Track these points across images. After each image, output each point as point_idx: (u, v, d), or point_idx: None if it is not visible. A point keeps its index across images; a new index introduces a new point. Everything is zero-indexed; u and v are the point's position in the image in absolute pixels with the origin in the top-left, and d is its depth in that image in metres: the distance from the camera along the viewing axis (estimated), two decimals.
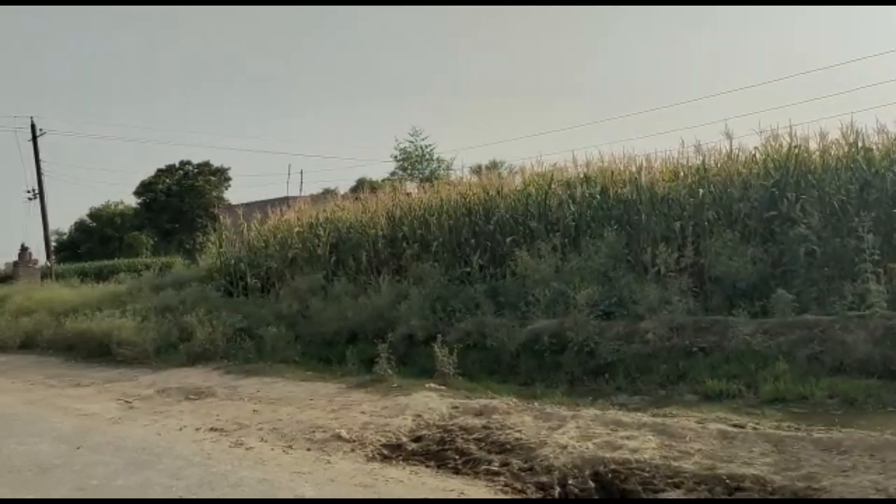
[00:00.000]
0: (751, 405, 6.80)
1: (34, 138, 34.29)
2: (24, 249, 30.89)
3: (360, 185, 30.79)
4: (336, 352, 10.76)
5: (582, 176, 12.81)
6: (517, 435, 6.04)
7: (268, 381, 9.60)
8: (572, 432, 5.97)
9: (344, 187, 38.12)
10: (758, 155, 11.08)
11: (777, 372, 7.22)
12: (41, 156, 34.43)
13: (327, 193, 27.03)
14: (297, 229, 15.96)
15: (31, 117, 34.48)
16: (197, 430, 7.32)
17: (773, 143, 10.98)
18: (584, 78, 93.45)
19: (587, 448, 5.49)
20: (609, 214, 11.55)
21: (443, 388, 8.27)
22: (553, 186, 12.68)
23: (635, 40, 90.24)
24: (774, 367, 7.31)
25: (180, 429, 7.43)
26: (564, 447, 5.54)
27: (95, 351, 13.01)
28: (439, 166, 29.40)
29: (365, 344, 10.62)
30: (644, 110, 64.75)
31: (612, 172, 12.32)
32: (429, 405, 7.42)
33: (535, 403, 7.24)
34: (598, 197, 12.03)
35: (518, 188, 13.35)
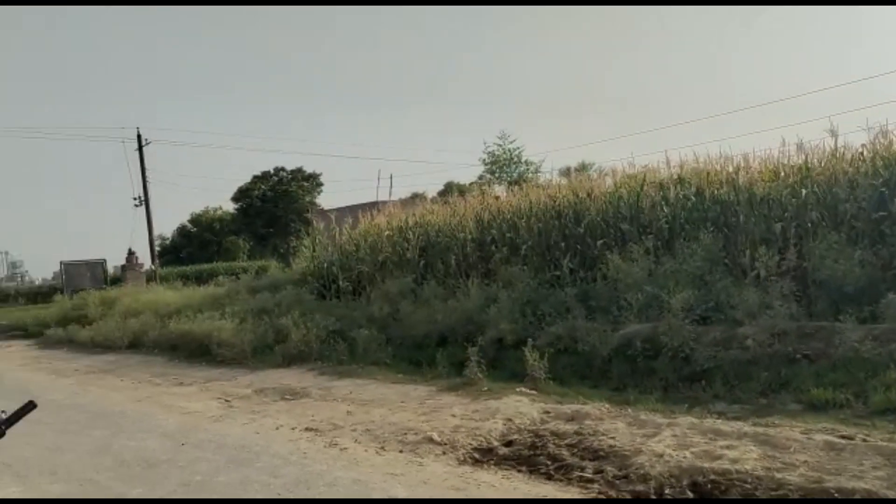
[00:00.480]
0: (859, 416, 6.44)
1: (140, 148, 36.08)
2: (130, 253, 32.51)
3: (449, 189, 30.95)
4: (426, 354, 10.84)
5: (676, 177, 12.48)
6: (611, 442, 5.93)
7: (360, 383, 9.76)
8: (668, 440, 5.81)
9: (432, 191, 38.43)
10: (865, 153, 10.53)
11: (888, 381, 6.82)
12: (146, 164, 36.19)
13: (416, 197, 27.29)
14: (387, 233, 16.18)
15: (138, 128, 36.34)
16: (293, 429, 7.51)
17: (882, 140, 10.40)
18: (677, 78, 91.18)
19: (685, 457, 5.33)
20: (705, 216, 11.20)
21: (533, 392, 8.21)
22: (645, 188, 12.40)
23: (730, 37, 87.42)
24: (885, 376, 6.91)
25: (277, 428, 7.64)
26: (661, 456, 5.39)
27: (197, 351, 13.54)
28: (527, 169, 29.22)
29: (454, 347, 10.65)
30: (740, 109, 62.50)
31: (708, 173, 11.95)
32: (519, 409, 7.38)
33: (629, 410, 7.09)
34: (693, 198, 11.68)
35: (609, 190, 13.12)
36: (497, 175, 29.31)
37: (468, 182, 33.96)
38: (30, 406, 2.55)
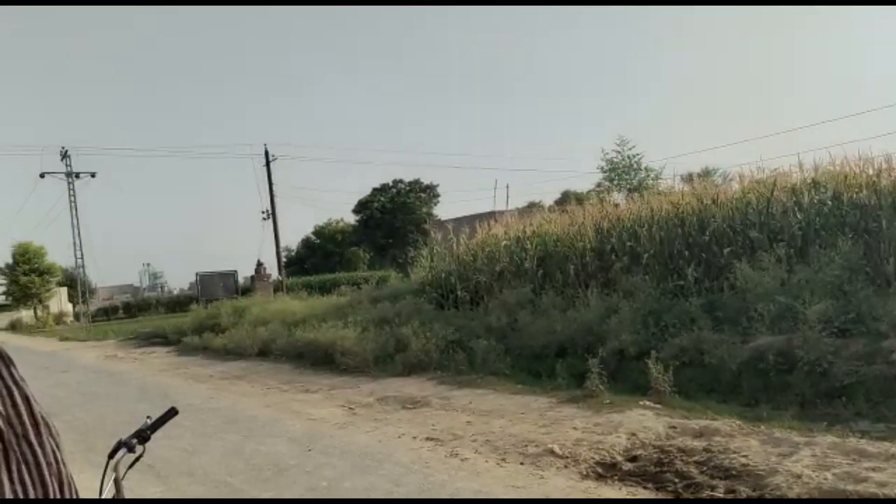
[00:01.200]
0: None
1: (267, 163, 37.72)
2: (259, 265, 34.06)
3: (566, 198, 30.63)
4: (545, 365, 10.72)
5: (810, 181, 11.81)
6: (743, 460, 5.65)
7: (479, 393, 9.77)
8: (807, 460, 5.47)
9: (549, 200, 38.14)
10: None
11: None
12: (273, 179, 37.80)
13: (533, 207, 27.14)
14: (504, 243, 16.17)
15: (265, 145, 38.02)
16: (414, 438, 7.60)
17: None
18: (809, 77, 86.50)
19: (825, 479, 5.00)
20: (842, 222, 10.53)
21: (658, 406, 7.95)
22: (776, 193, 11.81)
23: (862, 32, 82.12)
24: None
25: (399, 437, 7.75)
26: (799, 476, 5.09)
27: (321, 359, 13.97)
28: (648, 176, 28.44)
29: (574, 358, 10.49)
30: (882, 107, 58.49)
31: (846, 176, 11.24)
32: (644, 424, 7.16)
33: (762, 427, 6.73)
34: (830, 203, 11.01)
35: (736, 196, 12.58)
36: (616, 182, 28.70)
37: (586, 190, 33.49)
38: (172, 412, 2.70)
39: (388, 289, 19.68)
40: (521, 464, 6.34)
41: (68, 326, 47.44)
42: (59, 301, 58.54)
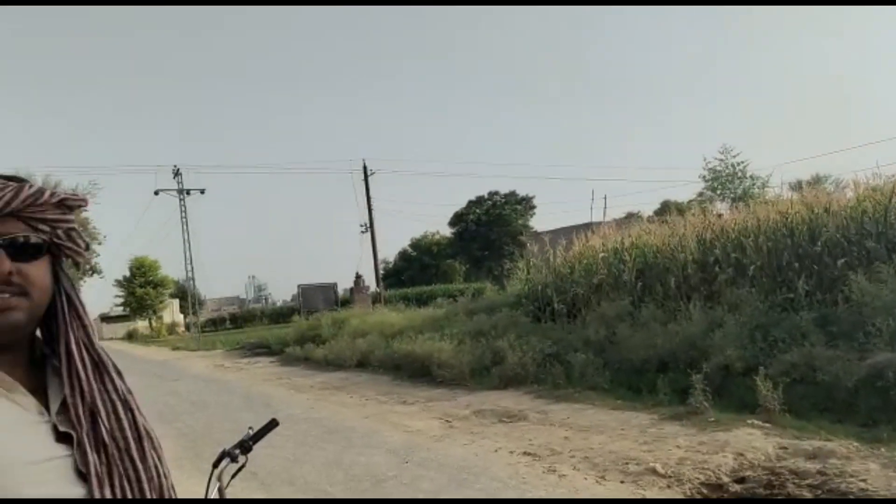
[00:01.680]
0: None
1: (366, 178, 38.57)
2: (358, 277, 34.76)
3: (666, 208, 29.85)
4: (646, 380, 10.43)
5: None
6: (862, 485, 5.31)
7: (577, 408, 9.60)
8: None
9: (648, 211, 37.28)
10: None
11: None
12: (371, 193, 38.58)
13: (631, 217, 26.62)
14: (601, 255, 15.88)
15: (363, 160, 38.91)
16: (511, 453, 7.53)
17: None
18: None
19: None
20: None
21: (767, 425, 7.59)
22: (894, 201, 11.12)
23: None
24: None
25: (495, 450, 7.70)
26: None
27: (418, 371, 14.08)
28: (753, 184, 27.41)
29: (676, 373, 10.15)
30: None
31: None
32: (752, 444, 6.85)
33: (882, 449, 6.31)
34: None
35: (850, 204, 11.92)
36: (719, 192, 27.79)
37: (687, 200, 32.57)
38: (273, 424, 2.76)
39: (484, 301, 19.66)
40: (622, 482, 6.17)
41: (180, 336, 49.75)
42: (172, 312, 61.51)
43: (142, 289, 56.04)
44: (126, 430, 1.16)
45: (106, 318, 70.79)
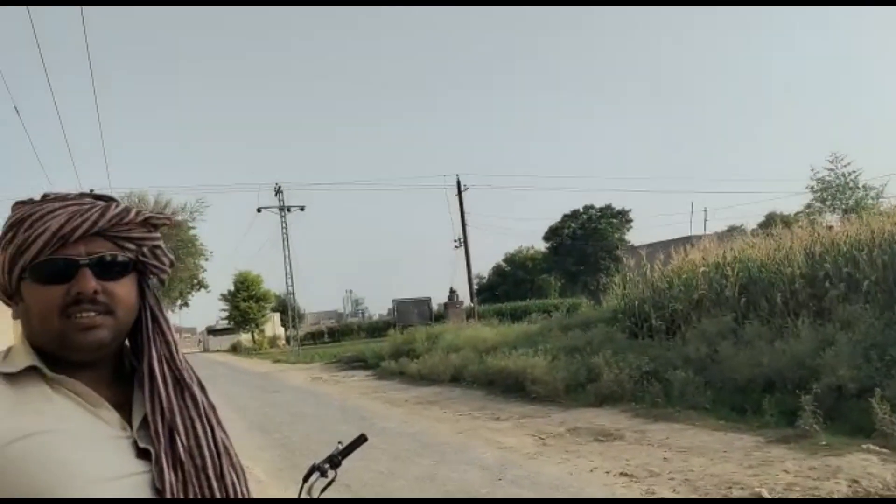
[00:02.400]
0: None
1: (459, 193, 38.81)
2: (452, 292, 34.96)
3: (771, 221, 28.64)
4: (750, 400, 9.96)
5: None
6: None
7: (677, 428, 9.26)
8: None
9: (752, 223, 35.90)
10: None
11: None
12: (465, 208, 38.76)
13: (733, 231, 25.68)
14: (702, 269, 15.35)
15: (457, 175, 39.17)
16: (607, 473, 7.32)
17: None
18: None
19: None
20: None
21: (884, 450, 7.09)
22: None
23: None
24: None
25: (591, 470, 7.51)
26: None
27: (512, 387, 13.95)
28: (866, 195, 25.96)
29: (783, 394, 9.64)
30: None
31: None
32: (868, 470, 6.41)
33: None
34: None
35: None
36: (829, 203, 26.46)
37: (793, 212, 31.23)
38: (362, 439, 2.75)
39: (580, 317, 19.35)
40: None
41: (280, 349, 51.23)
42: (273, 325, 63.49)
43: (245, 303, 58.08)
44: (204, 448, 1.16)
45: (212, 331, 73.86)
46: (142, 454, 1.10)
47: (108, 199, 1.17)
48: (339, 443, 2.72)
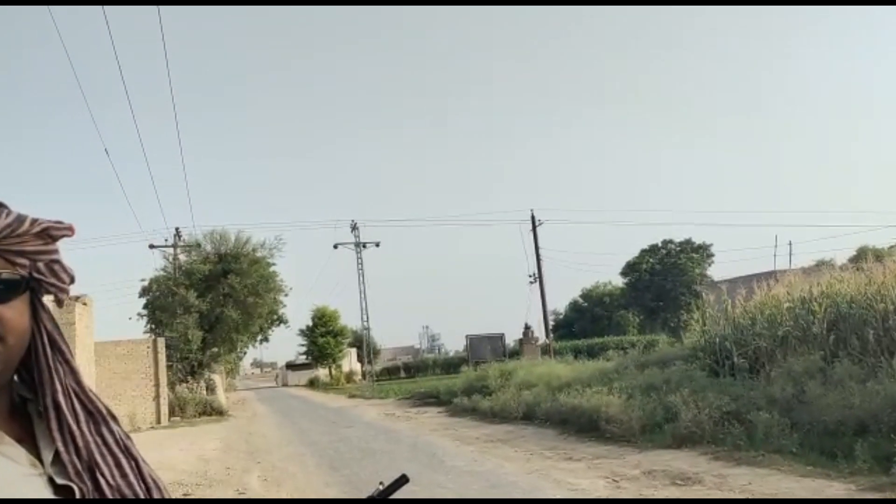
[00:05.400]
0: None
1: (534, 228, 38.55)
2: (527, 328, 34.55)
3: (862, 255, 27.28)
4: (841, 445, 9.31)
5: None
6: None
7: (761, 473, 8.73)
8: None
9: (841, 257, 34.32)
10: None
11: None
12: (540, 243, 38.45)
13: (821, 265, 24.53)
14: (786, 305, 14.64)
15: (531, 210, 38.94)
16: None
17: None
18: None
19: None
20: None
21: None
22: None
23: None
24: None
25: None
26: None
27: (585, 426, 13.52)
28: None
29: (878, 438, 8.97)
30: None
31: None
32: None
33: None
34: None
35: None
36: None
37: (887, 245, 29.75)
38: (403, 480, 2.60)
39: (657, 354, 18.74)
40: None
41: (356, 384, 51.60)
42: (350, 361, 64.05)
43: (322, 338, 58.84)
44: (135, 486, 1.04)
45: (291, 366, 75.15)
46: (60, 491, 0.98)
47: None
48: (381, 483, 2.58)
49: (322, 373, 60.79)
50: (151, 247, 34.84)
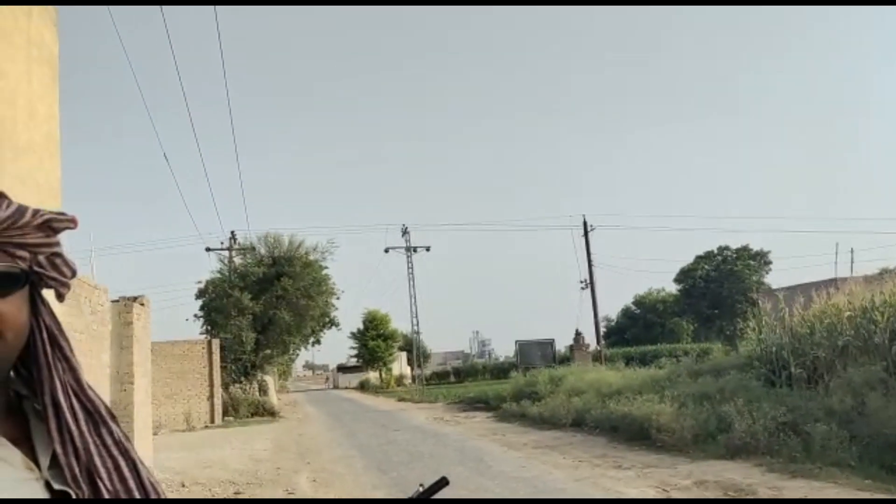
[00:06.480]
0: None
1: (586, 234, 38.18)
2: (577, 334, 34.19)
3: None
4: None
5: None
6: None
7: (817, 486, 8.47)
8: None
9: None
10: None
11: None
12: (592, 249, 38.06)
13: (885, 273, 23.70)
14: (847, 314, 14.18)
15: (584, 215, 38.59)
16: None
17: None
18: None
19: None
20: None
21: None
22: None
23: None
24: None
25: None
26: None
27: (636, 434, 13.30)
28: None
29: None
30: None
31: None
32: None
33: None
34: None
35: None
36: None
37: None
38: (443, 482, 2.59)
39: (711, 362, 18.33)
40: None
41: (406, 388, 51.78)
42: (400, 364, 64.32)
43: (373, 341, 59.22)
44: (133, 491, 1.01)
45: (342, 369, 75.86)
46: (57, 496, 0.95)
47: None
48: (420, 485, 2.57)
49: (372, 376, 61.16)
50: (208, 250, 35.57)
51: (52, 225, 0.99)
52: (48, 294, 1.06)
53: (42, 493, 0.94)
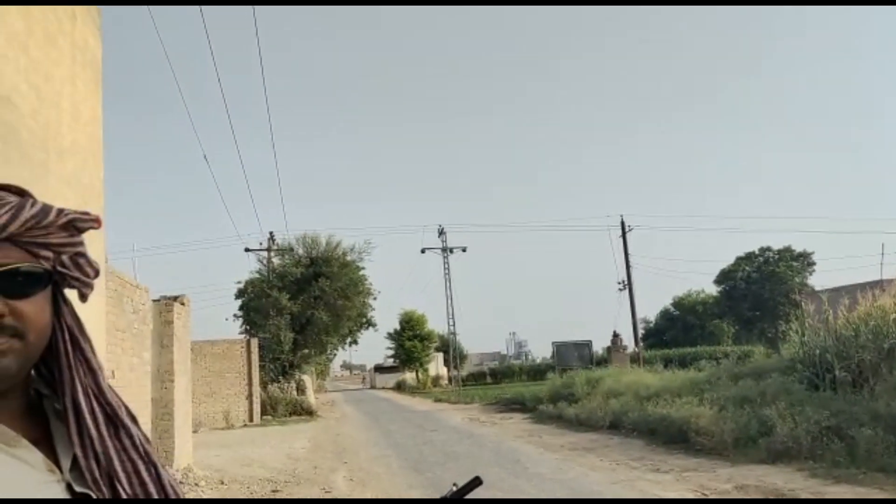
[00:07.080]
0: None
1: (623, 234, 37.82)
2: (615, 336, 33.93)
3: None
4: None
5: None
6: None
7: (861, 492, 8.28)
8: None
9: None
10: None
11: None
12: (629, 250, 37.71)
13: None
14: (893, 316, 13.83)
15: (621, 216, 38.25)
16: None
17: None
18: None
19: None
20: None
21: None
22: None
23: None
24: None
25: None
26: None
27: (674, 437, 13.13)
28: None
29: None
30: None
31: None
32: None
33: None
34: None
35: None
36: None
37: None
38: (476, 482, 2.58)
39: (752, 365, 18.00)
40: None
41: (442, 389, 51.84)
42: (436, 365, 64.43)
43: (410, 342, 59.42)
44: (153, 494, 1.01)
45: (379, 369, 76.26)
46: (78, 497, 0.95)
47: (20, 193, 0.97)
48: (454, 485, 2.57)
49: (409, 376, 61.36)
50: (247, 250, 36.01)
51: (77, 225, 0.99)
52: (70, 294, 1.06)
53: (64, 495, 0.94)
